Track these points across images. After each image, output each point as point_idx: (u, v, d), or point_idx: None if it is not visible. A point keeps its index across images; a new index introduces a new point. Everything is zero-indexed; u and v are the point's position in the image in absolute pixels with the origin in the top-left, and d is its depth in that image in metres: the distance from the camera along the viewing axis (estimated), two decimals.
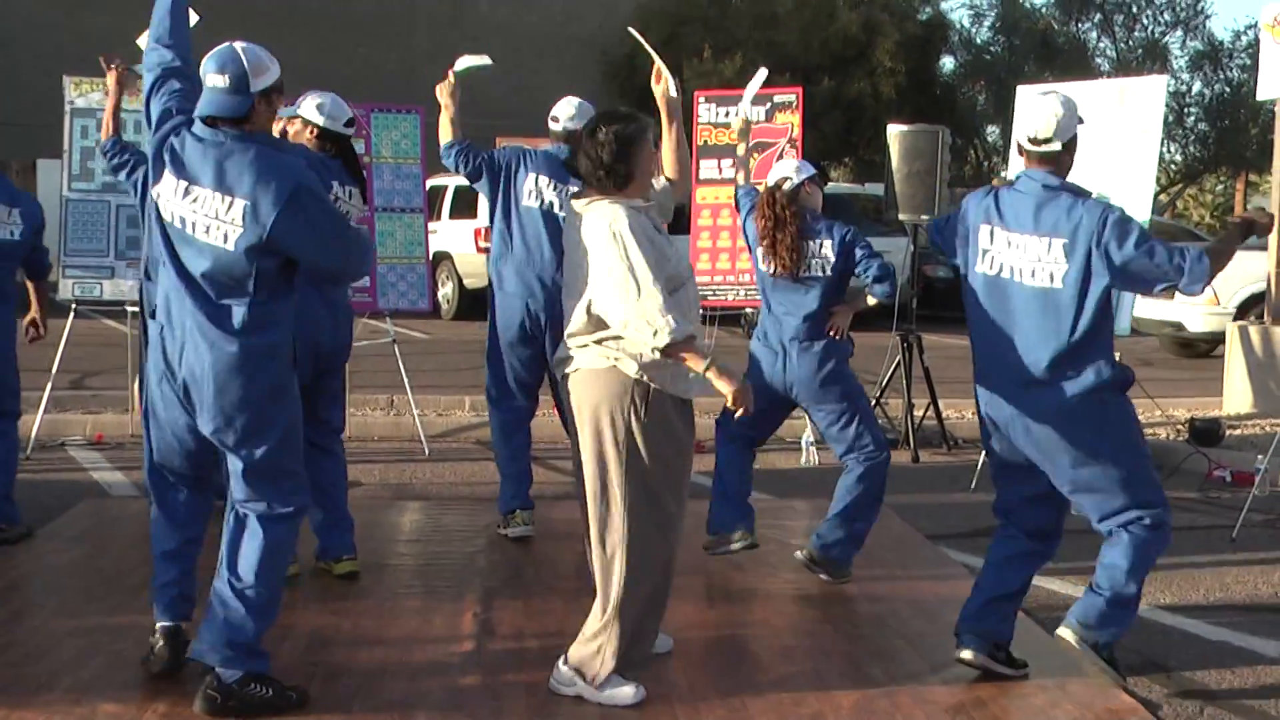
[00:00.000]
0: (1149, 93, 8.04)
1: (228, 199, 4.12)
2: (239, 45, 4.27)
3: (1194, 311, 13.72)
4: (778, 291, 6.04)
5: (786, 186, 6.01)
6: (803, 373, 5.96)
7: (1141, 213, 7.89)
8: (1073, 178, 4.86)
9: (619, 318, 4.22)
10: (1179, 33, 30.24)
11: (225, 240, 4.13)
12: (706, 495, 6.24)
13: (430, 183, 12.72)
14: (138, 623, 5.12)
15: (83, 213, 9.07)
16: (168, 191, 4.21)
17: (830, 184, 20.59)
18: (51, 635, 5.04)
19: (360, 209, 6.05)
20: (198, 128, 4.22)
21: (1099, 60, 30.03)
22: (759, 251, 6.07)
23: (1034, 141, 4.75)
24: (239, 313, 4.19)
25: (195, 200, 4.16)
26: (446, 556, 6.36)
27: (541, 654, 4.89)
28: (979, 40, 30.81)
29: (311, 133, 5.81)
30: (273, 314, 4.25)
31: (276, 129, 5.68)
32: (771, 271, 6.00)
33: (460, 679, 4.69)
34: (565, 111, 6.85)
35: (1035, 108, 4.76)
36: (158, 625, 4.58)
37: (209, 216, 4.14)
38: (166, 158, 4.23)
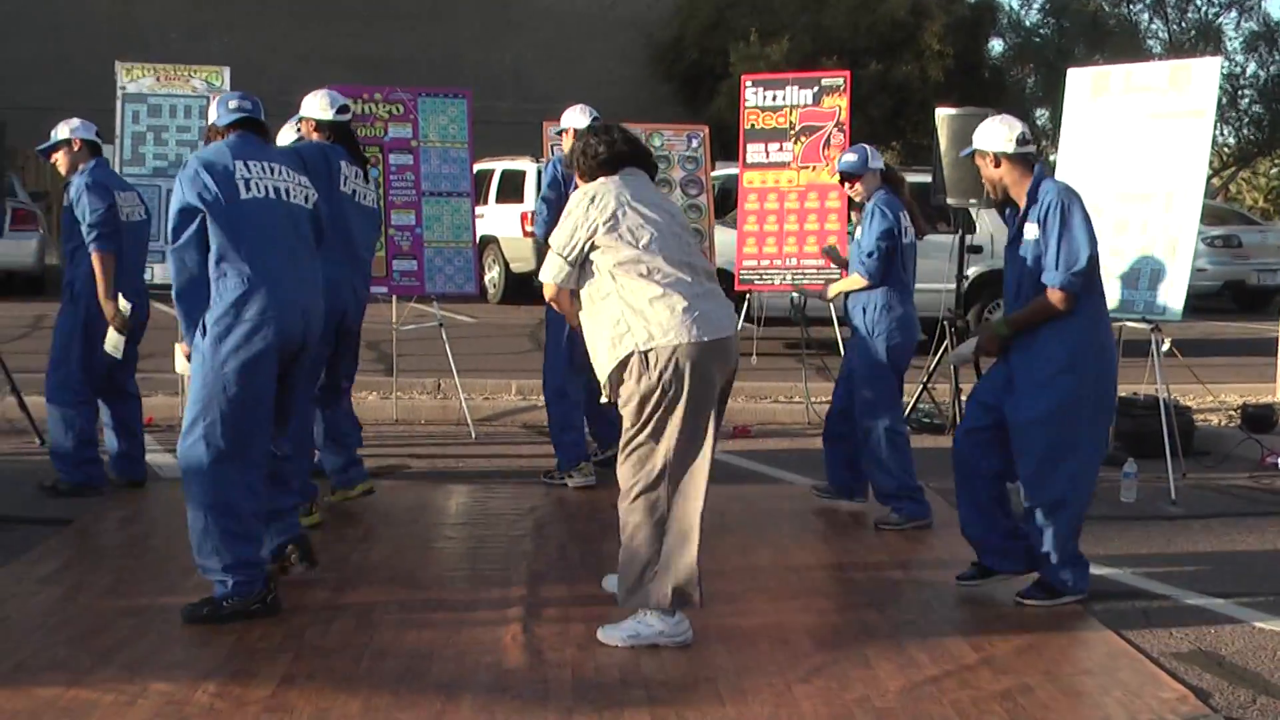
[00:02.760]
0: (1202, 75, 7.93)
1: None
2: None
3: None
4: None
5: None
6: None
7: (1194, 192, 7.81)
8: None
9: None
10: (1233, 13, 29.88)
11: (307, 201, 5.32)
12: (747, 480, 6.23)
13: (477, 167, 12.75)
14: (189, 601, 5.19)
15: None
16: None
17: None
18: (104, 614, 5.10)
19: (365, 186, 6.72)
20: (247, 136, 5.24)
21: (1150, 42, 29.71)
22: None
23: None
24: None
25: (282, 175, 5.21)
26: (493, 540, 6.39)
27: (587, 636, 4.92)
28: (1028, 23, 30.58)
29: (310, 126, 6.64)
30: None
31: (291, 133, 7.02)
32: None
33: (506, 660, 4.71)
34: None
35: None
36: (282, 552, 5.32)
37: (298, 186, 5.27)
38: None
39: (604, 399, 4.93)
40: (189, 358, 5.11)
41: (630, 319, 4.71)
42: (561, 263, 4.81)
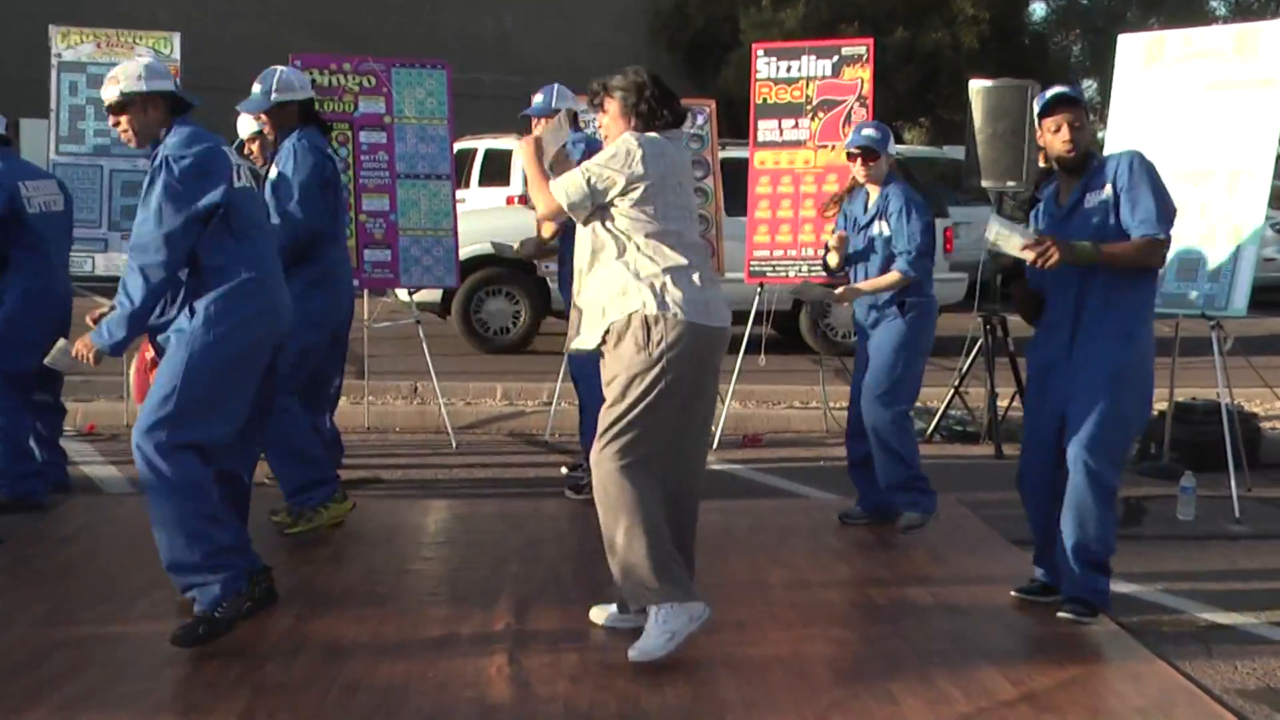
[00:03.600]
0: (1272, 39, 7.93)
1: None
2: None
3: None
4: None
5: None
6: None
7: (1262, 172, 7.81)
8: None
9: None
10: None
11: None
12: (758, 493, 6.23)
13: (458, 146, 12.74)
14: (136, 631, 5.20)
15: (72, 178, 9.10)
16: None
17: (904, 147, 20.44)
18: (40, 645, 5.09)
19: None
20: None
21: (1214, 3, 29.68)
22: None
23: None
24: None
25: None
26: (476, 561, 6.39)
27: (580, 668, 4.92)
28: None
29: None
30: None
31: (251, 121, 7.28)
32: None
33: (491, 695, 4.70)
34: None
35: None
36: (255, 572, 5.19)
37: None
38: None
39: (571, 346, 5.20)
40: (89, 359, 5.15)
41: (640, 284, 4.90)
42: (587, 193, 4.94)
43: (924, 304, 6.86)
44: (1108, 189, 5.42)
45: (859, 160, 6.89)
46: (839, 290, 6.95)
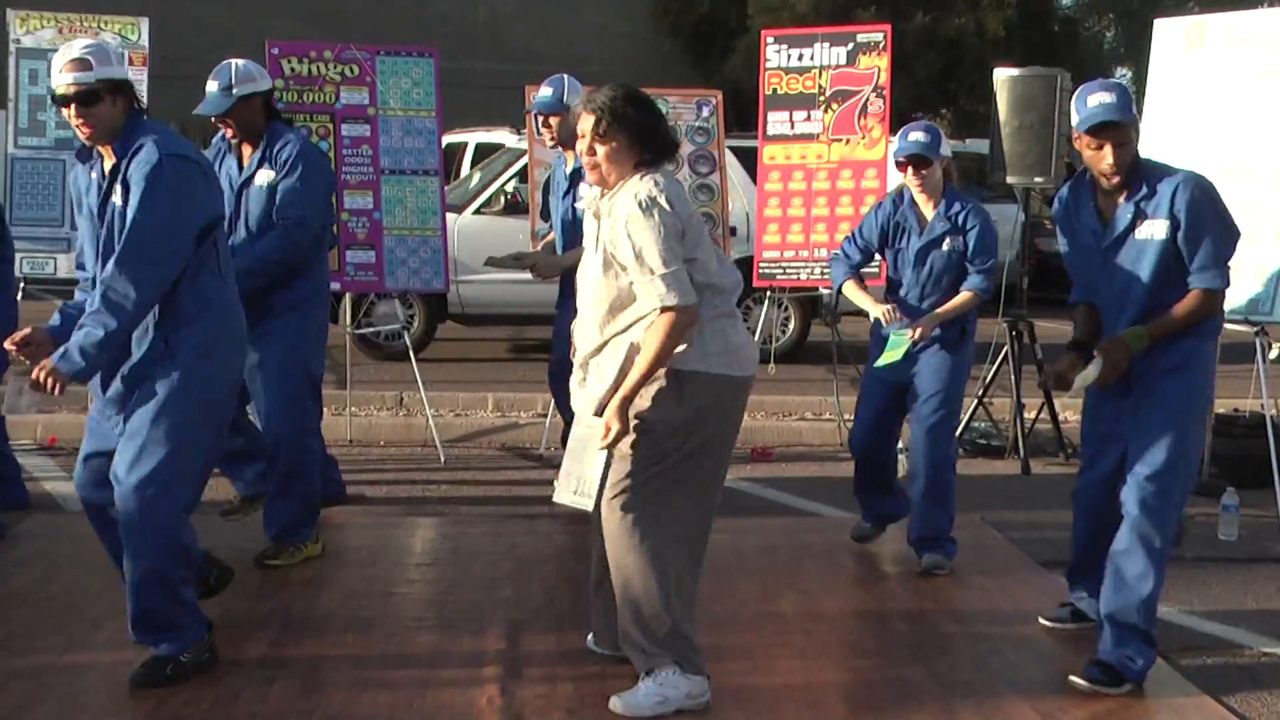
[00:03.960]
0: None
1: None
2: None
3: None
4: None
5: None
6: None
7: None
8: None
9: None
10: None
11: None
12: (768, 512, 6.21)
13: (447, 139, 12.74)
14: (98, 661, 5.18)
15: (32, 174, 9.11)
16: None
17: None
18: None
19: None
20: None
21: None
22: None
23: None
24: None
25: None
26: (466, 584, 6.38)
27: (577, 699, 4.92)
28: None
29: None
30: None
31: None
32: None
33: None
34: None
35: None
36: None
37: None
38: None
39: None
40: (57, 390, 4.99)
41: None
42: (677, 269, 4.62)
43: (973, 328, 6.78)
44: (1164, 225, 5.19)
45: (909, 170, 6.59)
46: (918, 330, 6.55)
